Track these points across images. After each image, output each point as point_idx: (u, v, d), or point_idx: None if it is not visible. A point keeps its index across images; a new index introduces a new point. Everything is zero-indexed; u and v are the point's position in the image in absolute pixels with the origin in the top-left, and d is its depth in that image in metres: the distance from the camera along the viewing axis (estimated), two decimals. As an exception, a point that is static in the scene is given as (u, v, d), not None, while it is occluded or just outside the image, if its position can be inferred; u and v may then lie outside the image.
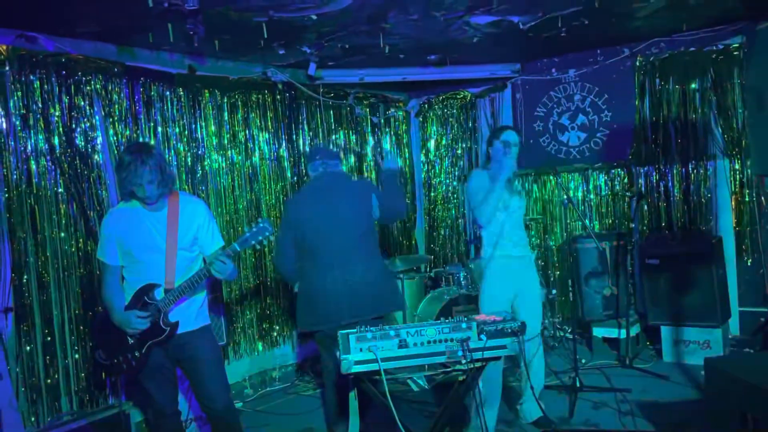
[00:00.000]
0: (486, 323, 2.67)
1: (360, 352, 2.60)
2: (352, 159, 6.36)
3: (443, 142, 6.88)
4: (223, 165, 5.15)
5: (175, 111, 4.78)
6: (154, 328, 2.98)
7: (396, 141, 6.91)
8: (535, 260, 3.98)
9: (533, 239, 6.15)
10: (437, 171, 6.95)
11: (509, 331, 2.65)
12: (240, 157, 5.27)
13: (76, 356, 4.03)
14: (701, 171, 5.34)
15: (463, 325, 2.65)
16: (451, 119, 6.81)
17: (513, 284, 3.71)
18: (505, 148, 3.63)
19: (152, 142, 4.54)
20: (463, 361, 2.59)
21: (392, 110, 6.85)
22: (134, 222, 3.00)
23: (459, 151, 6.78)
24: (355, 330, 2.65)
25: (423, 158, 7.06)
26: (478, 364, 2.65)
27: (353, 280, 3.38)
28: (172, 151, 4.76)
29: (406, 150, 7.05)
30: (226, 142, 5.17)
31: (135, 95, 4.50)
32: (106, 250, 3.04)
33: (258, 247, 2.96)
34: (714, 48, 5.19)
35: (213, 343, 3.21)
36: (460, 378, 2.75)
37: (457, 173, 6.81)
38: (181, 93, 4.82)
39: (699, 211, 5.36)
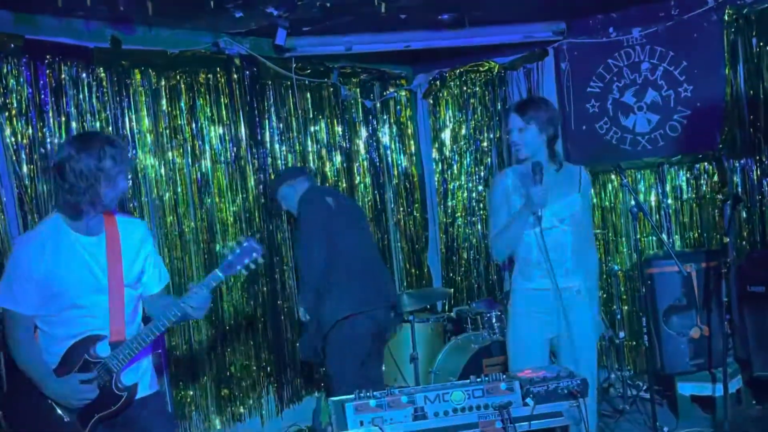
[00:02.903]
0: (533, 382, 2.70)
1: (360, 426, 2.64)
2: (339, 157, 6.42)
3: (462, 131, 6.92)
4: (162, 172, 5.19)
5: (94, 99, 4.81)
6: (104, 396, 2.94)
7: (398, 132, 6.96)
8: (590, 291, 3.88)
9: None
10: (455, 172, 6.99)
11: (565, 392, 2.68)
12: (185, 160, 5.32)
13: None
14: (819, 163, 5.40)
15: (503, 386, 2.68)
16: (472, 100, 6.85)
17: (547, 328, 3.68)
18: (533, 172, 3.45)
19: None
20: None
21: (392, 90, 6.91)
22: (64, 251, 2.93)
23: (484, 144, 6.81)
24: (353, 396, 2.69)
25: (435, 155, 7.11)
26: (523, 439, 2.69)
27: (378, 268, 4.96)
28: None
29: (412, 143, 7.10)
30: (165, 139, 5.21)
31: (40, 79, 4.53)
32: (18, 295, 2.92)
33: (245, 272, 3.00)
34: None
35: (168, 415, 3.27)
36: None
37: (483, 174, 6.85)
38: (103, 75, 4.86)
39: (818, 219, 5.41)
